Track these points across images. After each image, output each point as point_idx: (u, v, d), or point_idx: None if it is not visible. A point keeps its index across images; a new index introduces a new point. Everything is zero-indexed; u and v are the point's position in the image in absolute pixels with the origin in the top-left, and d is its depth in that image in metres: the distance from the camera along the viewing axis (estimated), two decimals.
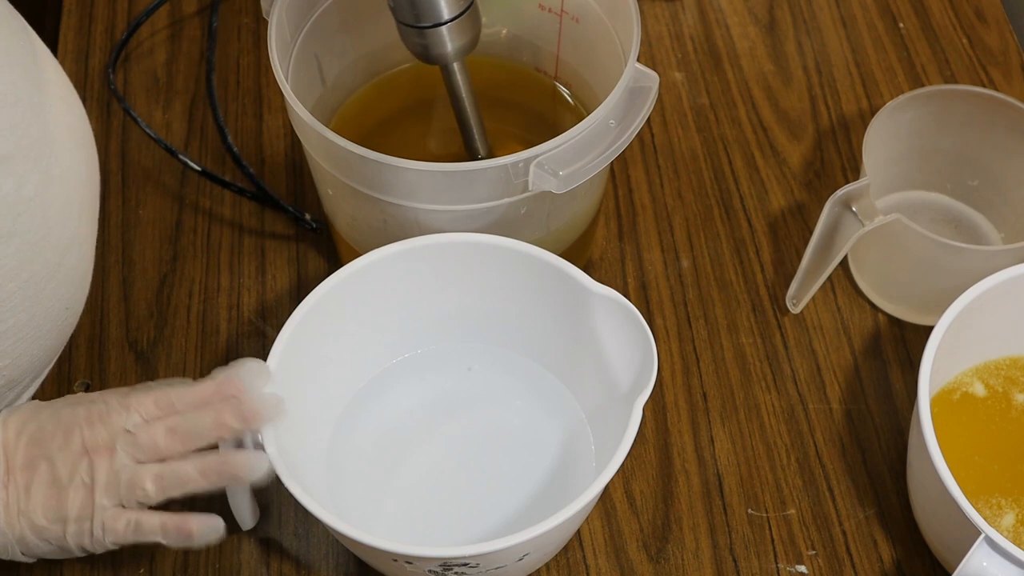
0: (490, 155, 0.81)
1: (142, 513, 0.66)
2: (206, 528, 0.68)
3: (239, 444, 0.67)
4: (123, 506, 0.65)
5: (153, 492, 0.65)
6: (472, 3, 0.74)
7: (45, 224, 0.67)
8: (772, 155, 0.93)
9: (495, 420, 0.78)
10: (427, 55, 0.75)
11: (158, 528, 0.67)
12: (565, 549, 0.76)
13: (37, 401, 0.68)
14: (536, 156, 0.70)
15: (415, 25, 0.74)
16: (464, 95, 0.78)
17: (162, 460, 0.66)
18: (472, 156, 0.81)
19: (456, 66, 0.76)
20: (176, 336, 0.84)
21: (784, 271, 0.87)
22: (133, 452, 0.65)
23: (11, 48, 0.65)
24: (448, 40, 0.74)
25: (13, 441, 0.65)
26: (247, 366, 0.67)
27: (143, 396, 0.66)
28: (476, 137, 0.80)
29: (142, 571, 0.75)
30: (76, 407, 0.66)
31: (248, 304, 0.85)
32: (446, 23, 0.73)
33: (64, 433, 0.65)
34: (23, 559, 0.66)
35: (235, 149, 0.88)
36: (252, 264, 0.87)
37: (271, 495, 0.77)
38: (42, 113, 0.67)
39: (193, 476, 0.65)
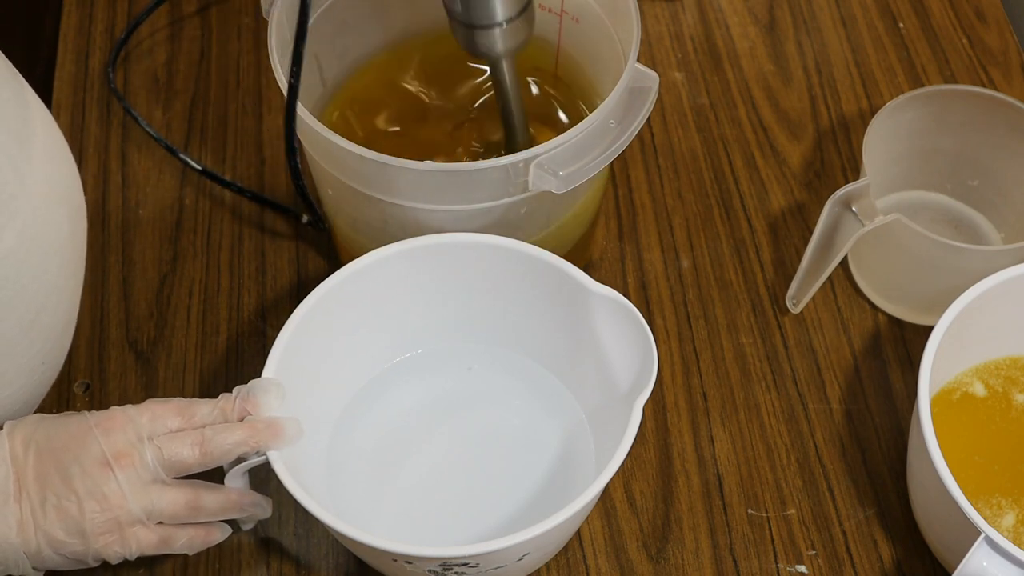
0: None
1: (172, 528, 0.65)
2: (226, 533, 0.69)
3: (241, 458, 0.67)
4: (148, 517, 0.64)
5: (184, 510, 0.65)
6: (528, 5, 0.74)
7: (19, 281, 0.64)
8: (772, 155, 0.93)
9: (495, 420, 0.78)
10: (476, 51, 0.75)
11: (187, 542, 0.66)
12: (565, 549, 0.76)
13: (40, 414, 0.66)
14: (536, 156, 0.70)
15: (468, 24, 0.73)
16: (510, 89, 0.78)
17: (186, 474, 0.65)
18: (512, 150, 0.80)
19: (504, 63, 0.76)
20: (176, 336, 0.84)
21: (784, 271, 0.87)
22: (159, 460, 0.64)
23: None
24: (500, 40, 0.74)
25: (22, 454, 0.63)
26: (266, 386, 0.67)
27: (163, 406, 0.65)
28: (517, 131, 0.80)
29: (142, 571, 0.75)
30: (85, 417, 0.65)
31: (248, 304, 0.85)
32: (499, 24, 0.73)
33: (78, 443, 0.63)
34: (32, 574, 0.65)
35: (302, 182, 0.85)
36: (252, 264, 0.87)
37: (271, 495, 0.77)
38: (21, 168, 0.64)
39: (220, 502, 0.66)
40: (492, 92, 0.86)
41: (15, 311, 0.65)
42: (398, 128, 0.86)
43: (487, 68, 0.86)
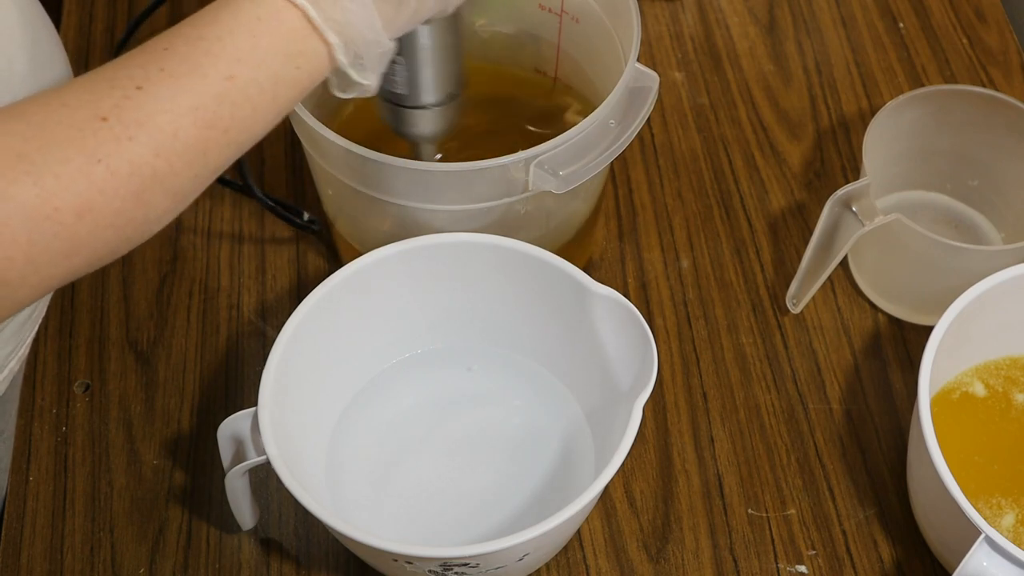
0: None
1: None
2: None
3: (241, 458, 0.67)
4: None
5: None
6: (457, 96, 0.73)
7: None
8: (772, 155, 0.93)
9: (495, 420, 0.78)
10: (400, 130, 0.74)
11: None
12: (565, 549, 0.76)
13: None
14: (536, 156, 0.70)
15: (397, 103, 0.72)
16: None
17: None
18: None
19: (423, 148, 0.75)
20: (176, 336, 0.84)
21: (784, 271, 0.87)
22: None
23: None
24: (427, 122, 0.73)
25: None
26: None
27: None
28: None
29: (142, 571, 0.75)
30: None
31: (248, 304, 0.85)
32: (428, 107, 0.72)
33: None
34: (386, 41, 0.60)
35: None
36: (252, 264, 0.87)
37: (271, 495, 0.77)
38: None
39: None
40: (491, 90, 0.86)
41: None
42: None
43: (485, 67, 0.86)
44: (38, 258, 0.51)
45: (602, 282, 0.71)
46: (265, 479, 0.78)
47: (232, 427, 0.68)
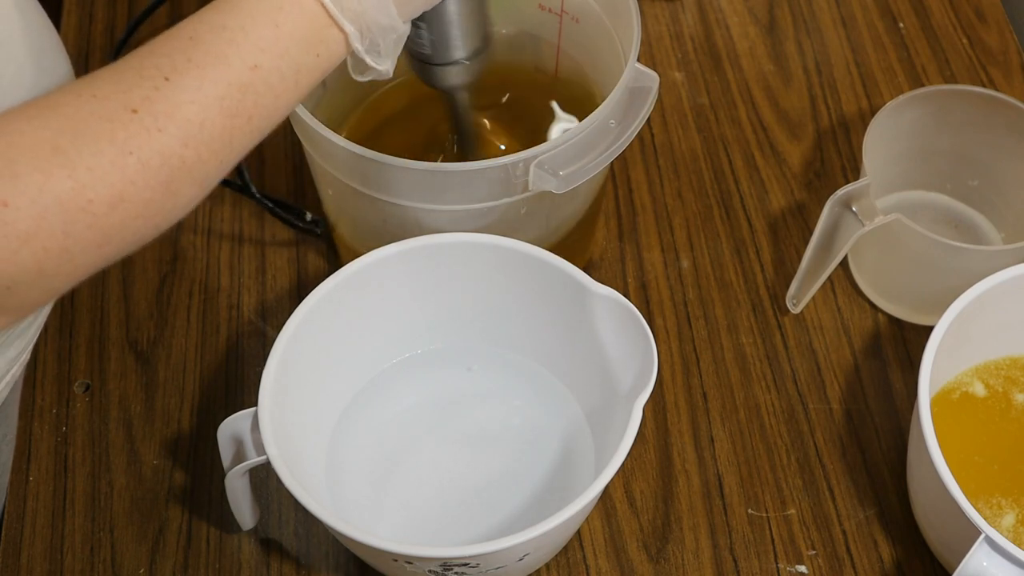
0: None
1: None
2: None
3: (241, 458, 0.67)
4: None
5: None
6: (485, 46, 0.74)
7: None
8: (772, 155, 0.93)
9: (495, 420, 0.78)
10: (433, 83, 0.75)
11: None
12: (565, 549, 0.76)
13: None
14: (536, 156, 0.70)
15: (428, 62, 0.73)
16: (463, 115, 0.78)
17: None
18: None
19: (458, 95, 0.76)
20: (176, 336, 0.84)
21: (784, 271, 0.87)
22: None
23: None
24: (457, 76, 0.74)
25: None
26: None
27: None
28: (468, 152, 0.80)
29: (142, 571, 0.75)
30: None
31: (248, 304, 0.85)
32: (456, 63, 0.73)
33: None
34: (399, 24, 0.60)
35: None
36: (252, 264, 0.87)
37: (271, 495, 0.77)
38: None
39: None
40: (491, 90, 0.86)
41: None
42: (398, 128, 0.86)
43: (485, 66, 0.86)
44: (72, 248, 0.52)
45: (602, 282, 0.71)
46: (265, 479, 0.78)
47: (232, 427, 0.68)
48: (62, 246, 0.52)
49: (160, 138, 0.53)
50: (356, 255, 0.73)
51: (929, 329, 0.72)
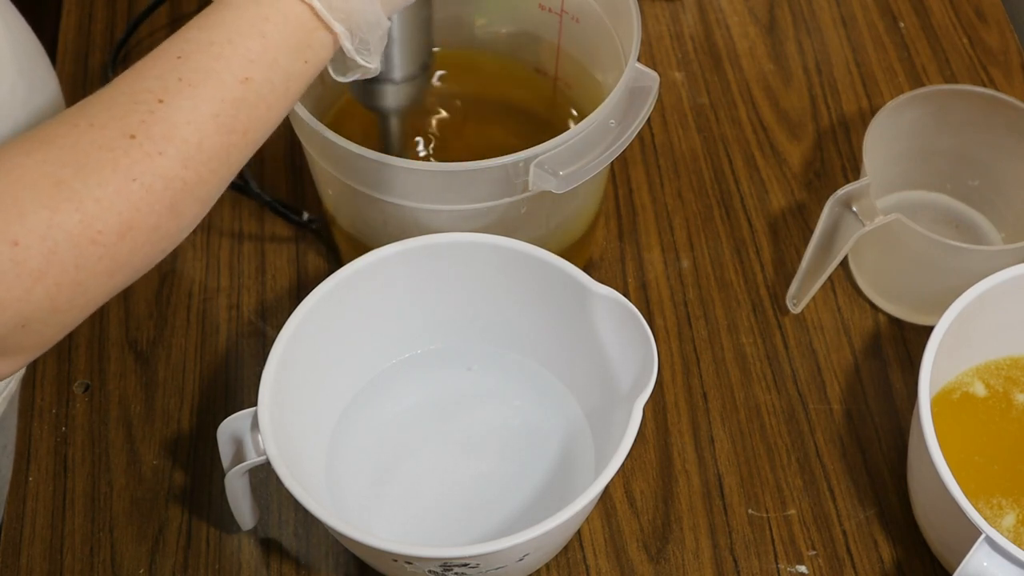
0: None
1: None
2: None
3: (241, 458, 0.67)
4: None
5: None
6: (422, 73, 0.74)
7: None
8: (772, 155, 0.93)
9: (495, 420, 0.78)
10: (368, 103, 0.76)
11: None
12: (565, 549, 0.76)
13: None
14: (536, 156, 0.70)
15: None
16: (394, 142, 0.78)
17: None
18: None
19: (393, 119, 0.77)
20: (176, 336, 0.84)
21: (784, 271, 0.87)
22: None
23: None
24: (390, 97, 0.74)
25: None
26: None
27: None
28: None
29: (142, 571, 0.75)
30: None
31: (248, 304, 0.85)
32: (396, 82, 0.74)
33: None
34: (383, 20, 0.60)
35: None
36: (252, 264, 0.87)
37: (271, 495, 0.77)
38: None
39: None
40: (491, 90, 0.86)
41: None
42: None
43: (485, 67, 0.86)
44: (85, 281, 0.52)
45: (602, 282, 0.71)
46: (265, 479, 0.78)
47: (232, 427, 0.68)
48: (75, 280, 0.51)
49: (161, 162, 0.53)
50: (356, 255, 0.73)
51: (929, 329, 0.72)
